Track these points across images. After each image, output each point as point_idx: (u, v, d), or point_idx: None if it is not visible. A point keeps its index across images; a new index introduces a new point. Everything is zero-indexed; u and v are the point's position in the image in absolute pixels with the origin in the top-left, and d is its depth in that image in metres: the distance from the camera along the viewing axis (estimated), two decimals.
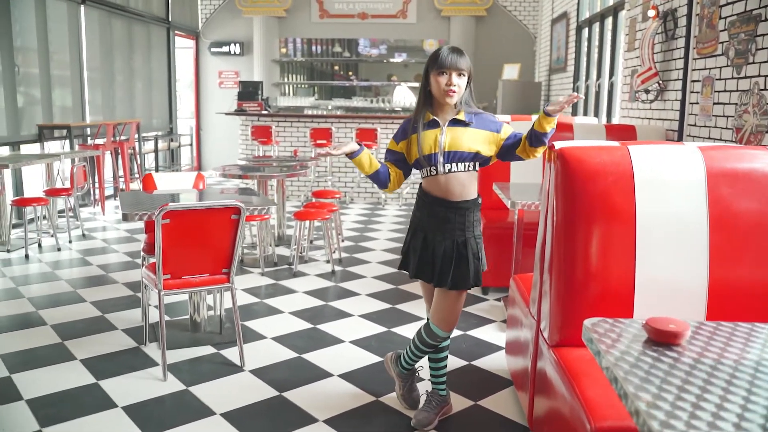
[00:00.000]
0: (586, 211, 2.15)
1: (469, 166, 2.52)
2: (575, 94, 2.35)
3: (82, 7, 7.79)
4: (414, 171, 2.67)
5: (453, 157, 2.49)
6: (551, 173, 2.27)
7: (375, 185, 2.71)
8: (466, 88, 2.51)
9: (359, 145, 2.56)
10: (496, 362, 3.41)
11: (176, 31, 10.83)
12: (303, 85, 13.56)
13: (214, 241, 3.16)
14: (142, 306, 3.57)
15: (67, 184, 6.57)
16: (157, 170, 9.14)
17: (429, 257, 2.57)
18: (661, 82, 5.07)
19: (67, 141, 7.23)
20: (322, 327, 3.89)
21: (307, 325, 3.92)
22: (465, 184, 2.53)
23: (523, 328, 2.77)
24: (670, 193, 2.14)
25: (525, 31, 11.11)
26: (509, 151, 2.56)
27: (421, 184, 2.64)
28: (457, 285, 2.55)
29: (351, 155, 2.54)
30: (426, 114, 2.54)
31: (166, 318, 4.01)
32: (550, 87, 9.87)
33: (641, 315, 2.14)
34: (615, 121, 6.78)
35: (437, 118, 2.52)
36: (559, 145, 2.27)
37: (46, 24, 7.16)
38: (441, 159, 2.49)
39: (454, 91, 2.44)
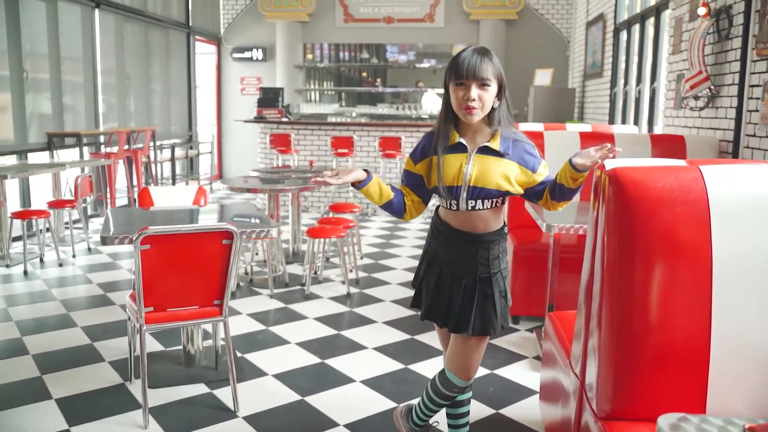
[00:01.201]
0: (648, 248, 1.70)
1: (496, 202, 2.08)
2: (611, 146, 1.88)
3: (97, 11, 7.52)
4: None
5: (478, 193, 2.04)
6: (602, 200, 1.82)
7: (394, 216, 2.27)
8: (500, 100, 2.05)
9: (366, 172, 2.10)
10: (529, 411, 2.94)
11: (197, 37, 10.55)
12: (328, 92, 13.21)
13: (203, 269, 2.76)
14: (129, 337, 3.18)
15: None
16: (173, 180, 8.84)
17: (445, 297, 2.13)
18: (712, 87, 4.56)
19: (77, 149, 6.92)
20: (331, 362, 3.47)
21: (314, 360, 3.50)
22: (490, 219, 2.10)
23: (561, 377, 2.31)
24: (757, 226, 1.67)
25: (558, 34, 10.60)
26: (531, 198, 2.13)
27: (437, 209, 2.20)
28: (481, 330, 2.11)
29: (357, 185, 2.09)
30: (451, 133, 2.08)
31: (158, 348, 3.62)
32: (584, 93, 9.36)
33: (719, 382, 1.68)
34: (657, 130, 6.27)
35: (464, 141, 2.07)
36: (610, 164, 1.82)
37: (58, 28, 6.89)
38: (464, 194, 2.05)
39: (473, 108, 1.98)
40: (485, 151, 2.05)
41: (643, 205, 1.68)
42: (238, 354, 3.54)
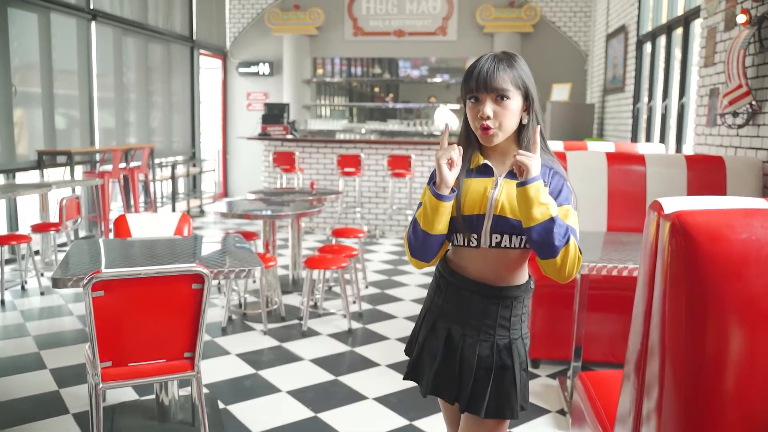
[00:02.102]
0: (726, 314, 1.26)
1: (526, 242, 1.65)
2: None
3: (93, 24, 7.19)
4: None
5: (504, 225, 1.63)
6: (662, 251, 1.38)
7: (412, 254, 1.73)
8: (527, 116, 1.66)
9: (454, 189, 1.64)
10: None
11: (202, 51, 10.23)
12: (337, 108, 12.85)
13: (170, 317, 2.34)
14: (89, 390, 2.77)
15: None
16: (174, 199, 8.47)
17: (454, 366, 1.70)
18: (754, 102, 4.11)
19: (70, 168, 6.56)
20: (326, 416, 3.03)
21: (307, 413, 3.06)
22: (516, 264, 1.68)
23: None
24: None
25: (575, 48, 10.18)
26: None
27: (444, 257, 1.78)
28: (497, 412, 1.68)
29: (442, 191, 1.62)
30: (473, 155, 1.70)
31: (131, 396, 3.20)
32: (604, 109, 8.91)
33: None
34: (687, 149, 5.81)
35: (490, 163, 1.68)
36: (671, 205, 1.39)
37: (50, 41, 6.56)
38: (488, 225, 1.64)
39: (489, 128, 1.60)
40: (514, 176, 1.64)
41: (722, 264, 1.25)
42: (221, 405, 3.12)
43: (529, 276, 1.74)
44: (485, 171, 1.68)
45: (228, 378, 3.46)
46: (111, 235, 6.80)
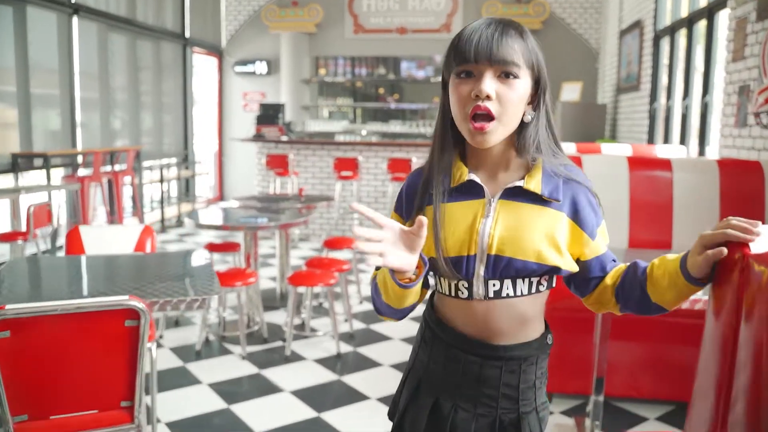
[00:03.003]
0: None
1: (537, 285, 1.21)
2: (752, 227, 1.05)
3: (75, 18, 6.77)
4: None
5: (505, 268, 1.18)
6: (750, 299, 0.93)
7: (380, 314, 1.29)
8: (536, 109, 1.21)
9: (424, 259, 1.17)
10: None
11: (196, 49, 9.81)
12: (338, 108, 12.42)
13: (100, 361, 1.91)
14: None
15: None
16: (162, 203, 8.03)
17: None
18: None
19: (47, 172, 6.14)
20: None
21: None
22: (524, 316, 1.23)
23: None
24: None
25: (585, 46, 9.71)
26: (572, 286, 1.29)
27: (431, 297, 1.34)
28: None
29: (405, 279, 1.16)
30: (454, 165, 1.25)
31: None
32: (617, 109, 8.43)
33: None
34: (712, 151, 5.34)
35: (478, 179, 1.22)
36: (759, 246, 0.94)
37: (26, 36, 6.15)
38: (481, 270, 1.19)
39: (488, 116, 1.14)
40: (515, 194, 1.20)
41: None
42: None
43: (546, 326, 1.29)
44: (471, 191, 1.22)
45: (195, 414, 3.02)
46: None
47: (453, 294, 1.23)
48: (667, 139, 6.48)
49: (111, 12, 7.48)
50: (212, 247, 4.57)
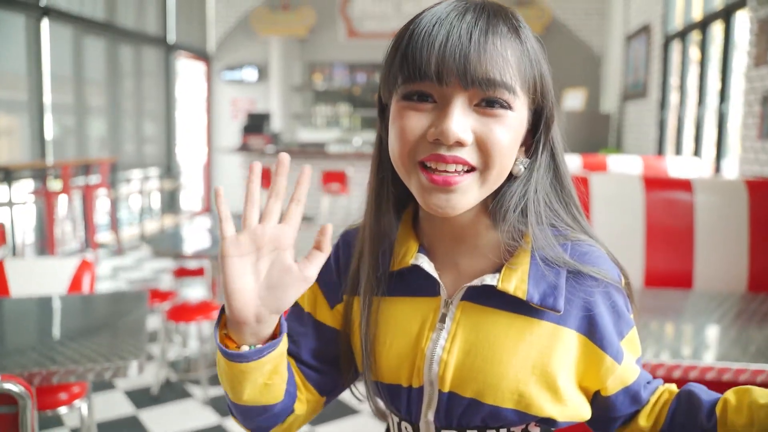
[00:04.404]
0: None
1: None
2: None
3: (46, 21, 6.35)
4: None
5: (466, 414, 0.74)
6: None
7: (241, 425, 0.81)
8: (529, 155, 0.78)
9: (282, 323, 0.74)
10: None
11: (183, 53, 9.39)
12: (332, 117, 11.98)
13: None
14: None
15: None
16: (141, 218, 7.58)
17: None
18: None
19: (8, 186, 5.71)
20: None
21: None
22: None
23: None
24: None
25: (589, 51, 9.28)
26: (598, 424, 0.82)
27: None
28: None
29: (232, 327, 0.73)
30: (400, 238, 0.81)
31: None
32: (623, 117, 7.99)
33: None
34: (730, 164, 4.91)
35: (429, 265, 0.78)
36: None
37: None
38: (429, 411, 0.75)
39: (450, 181, 0.70)
40: (486, 295, 0.76)
41: None
42: None
43: None
44: (419, 282, 0.79)
45: None
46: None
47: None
48: (678, 149, 6.05)
49: (85, 15, 7.05)
50: (180, 272, 4.15)
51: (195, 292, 5.02)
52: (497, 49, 0.69)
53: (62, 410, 2.22)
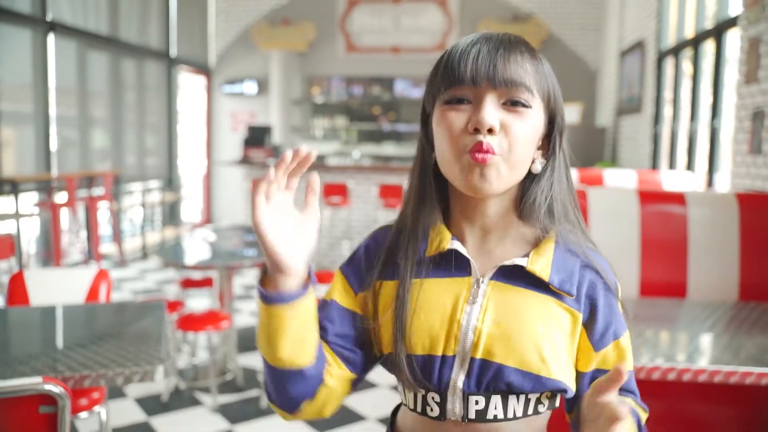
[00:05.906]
0: None
1: (535, 405, 0.89)
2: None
3: (51, 36, 6.47)
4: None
5: (495, 379, 0.85)
6: None
7: (268, 397, 0.93)
8: (548, 157, 0.94)
9: (311, 273, 0.89)
10: None
11: (184, 67, 9.51)
12: (331, 131, 12.12)
13: None
14: None
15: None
16: (143, 229, 7.68)
17: None
18: None
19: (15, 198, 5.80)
20: None
21: None
22: None
23: None
24: None
25: (584, 66, 9.45)
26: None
27: (396, 411, 1.01)
28: None
29: (271, 289, 0.86)
30: (434, 227, 0.93)
31: None
32: (618, 132, 8.15)
33: None
34: (721, 177, 5.04)
35: (463, 249, 0.91)
36: None
37: None
38: (460, 380, 0.87)
39: (486, 154, 0.84)
40: (513, 276, 0.89)
41: None
42: None
43: None
44: (453, 265, 0.91)
45: None
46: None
47: (419, 409, 0.90)
48: (672, 164, 6.19)
49: (90, 29, 7.17)
50: (187, 283, 4.24)
51: (200, 302, 5.12)
52: (518, 61, 0.87)
53: (82, 415, 2.31)
